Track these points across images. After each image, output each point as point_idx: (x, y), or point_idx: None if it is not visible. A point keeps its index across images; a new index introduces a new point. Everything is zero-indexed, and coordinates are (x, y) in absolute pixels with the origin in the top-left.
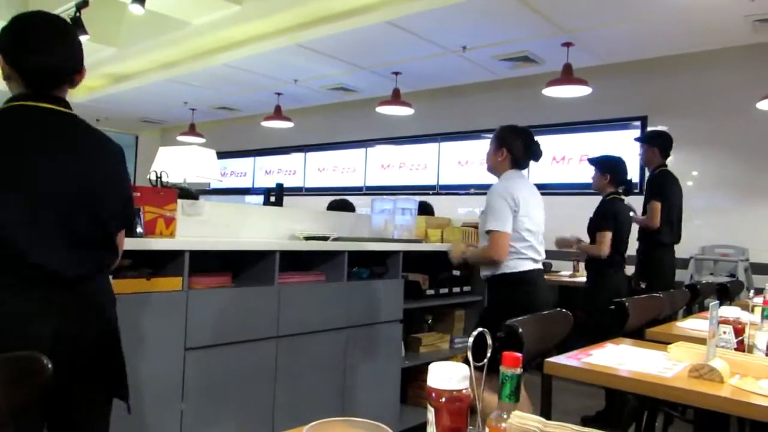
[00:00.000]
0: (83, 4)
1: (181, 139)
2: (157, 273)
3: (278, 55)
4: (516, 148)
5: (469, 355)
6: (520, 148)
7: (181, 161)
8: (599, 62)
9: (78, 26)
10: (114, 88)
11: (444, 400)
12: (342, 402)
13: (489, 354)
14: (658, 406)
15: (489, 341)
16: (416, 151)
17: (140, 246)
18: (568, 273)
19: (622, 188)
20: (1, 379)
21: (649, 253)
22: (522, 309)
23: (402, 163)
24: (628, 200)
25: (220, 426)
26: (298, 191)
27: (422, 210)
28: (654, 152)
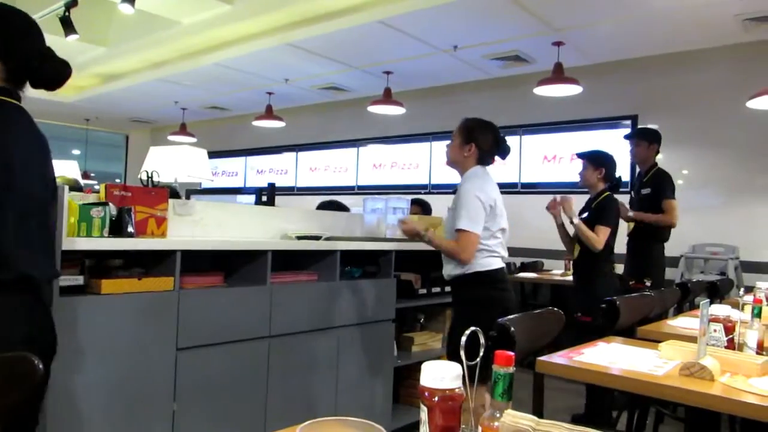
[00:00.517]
0: (72, 3)
1: (171, 138)
2: (149, 273)
3: (269, 55)
4: (485, 144)
5: (462, 354)
6: (489, 144)
7: (172, 161)
8: (590, 61)
9: (67, 26)
10: (104, 88)
11: (437, 399)
12: (335, 401)
13: (482, 353)
14: (650, 404)
15: (482, 340)
16: (408, 150)
17: (131, 246)
18: (560, 272)
19: (609, 185)
20: None
21: (650, 250)
22: (499, 307)
23: (394, 163)
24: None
25: (213, 426)
26: (290, 191)
27: (421, 207)
28: (652, 148)
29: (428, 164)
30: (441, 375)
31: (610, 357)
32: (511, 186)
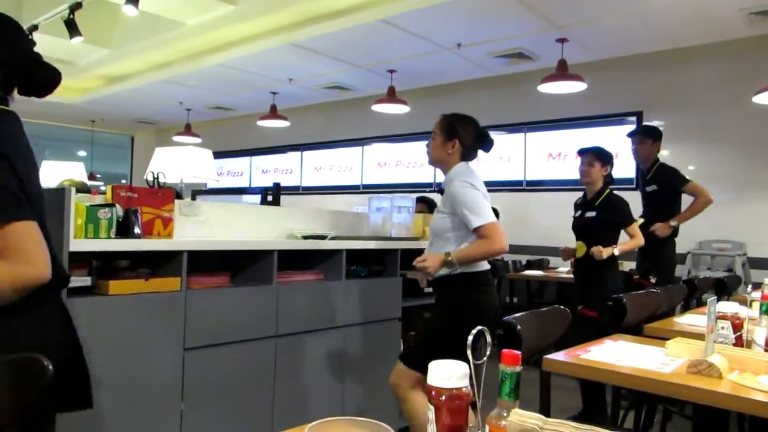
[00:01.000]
0: (77, 5)
1: (176, 139)
2: (156, 273)
3: (273, 55)
4: (467, 139)
5: (469, 353)
6: (471, 139)
7: (178, 162)
8: (594, 58)
9: (72, 28)
10: (109, 90)
11: (444, 398)
12: (341, 400)
13: (488, 352)
14: (657, 403)
15: (489, 339)
16: (412, 148)
17: (138, 247)
18: (565, 269)
19: (606, 182)
20: (3, 382)
21: (661, 246)
22: (484, 309)
23: (398, 161)
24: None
25: (220, 426)
26: (295, 190)
27: (427, 205)
28: (656, 146)
29: None
30: (448, 374)
31: (617, 355)
32: (516, 184)
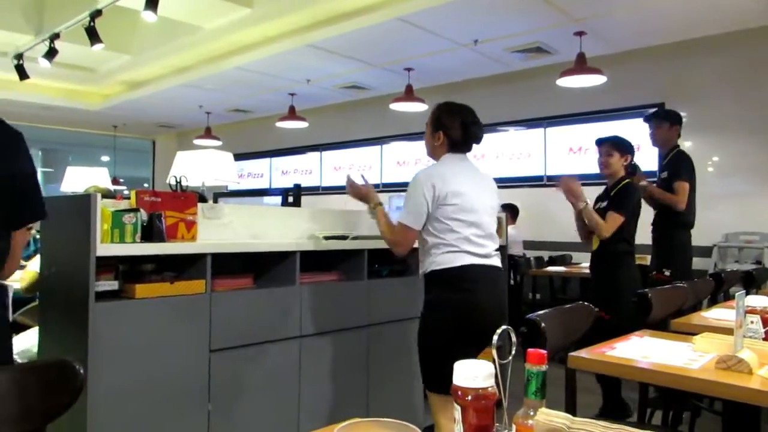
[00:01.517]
0: (97, 13)
1: (197, 142)
2: (180, 276)
3: (290, 56)
4: (453, 131)
5: (494, 352)
6: (457, 131)
7: (199, 165)
8: (613, 50)
9: (93, 35)
10: (130, 95)
11: (470, 398)
12: (366, 400)
13: (513, 352)
14: (687, 399)
15: (513, 338)
16: None
17: (163, 250)
18: (587, 264)
19: (628, 173)
20: (36, 385)
21: (671, 237)
22: (453, 310)
23: (417, 159)
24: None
25: (247, 426)
26: (315, 190)
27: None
28: (674, 129)
29: None
30: (474, 374)
31: (643, 351)
32: (537, 179)
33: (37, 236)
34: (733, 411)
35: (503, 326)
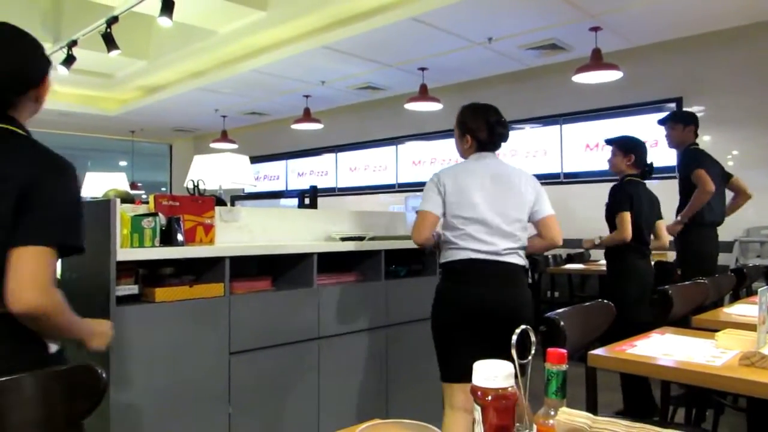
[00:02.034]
0: (113, 20)
1: (214, 146)
2: (199, 280)
3: (304, 58)
4: (479, 132)
5: (513, 352)
6: (483, 132)
7: (216, 168)
8: (629, 45)
9: (109, 42)
10: (146, 100)
11: (490, 398)
12: (385, 400)
13: (533, 351)
14: (710, 396)
15: (533, 338)
16: (447, 145)
17: (182, 254)
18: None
19: (639, 172)
20: (59, 390)
21: (691, 235)
22: (450, 300)
23: (433, 159)
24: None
25: (268, 428)
26: (331, 192)
27: None
28: (689, 130)
29: None
30: (494, 374)
31: (665, 348)
32: (554, 177)
33: None
34: (758, 408)
35: (522, 326)
